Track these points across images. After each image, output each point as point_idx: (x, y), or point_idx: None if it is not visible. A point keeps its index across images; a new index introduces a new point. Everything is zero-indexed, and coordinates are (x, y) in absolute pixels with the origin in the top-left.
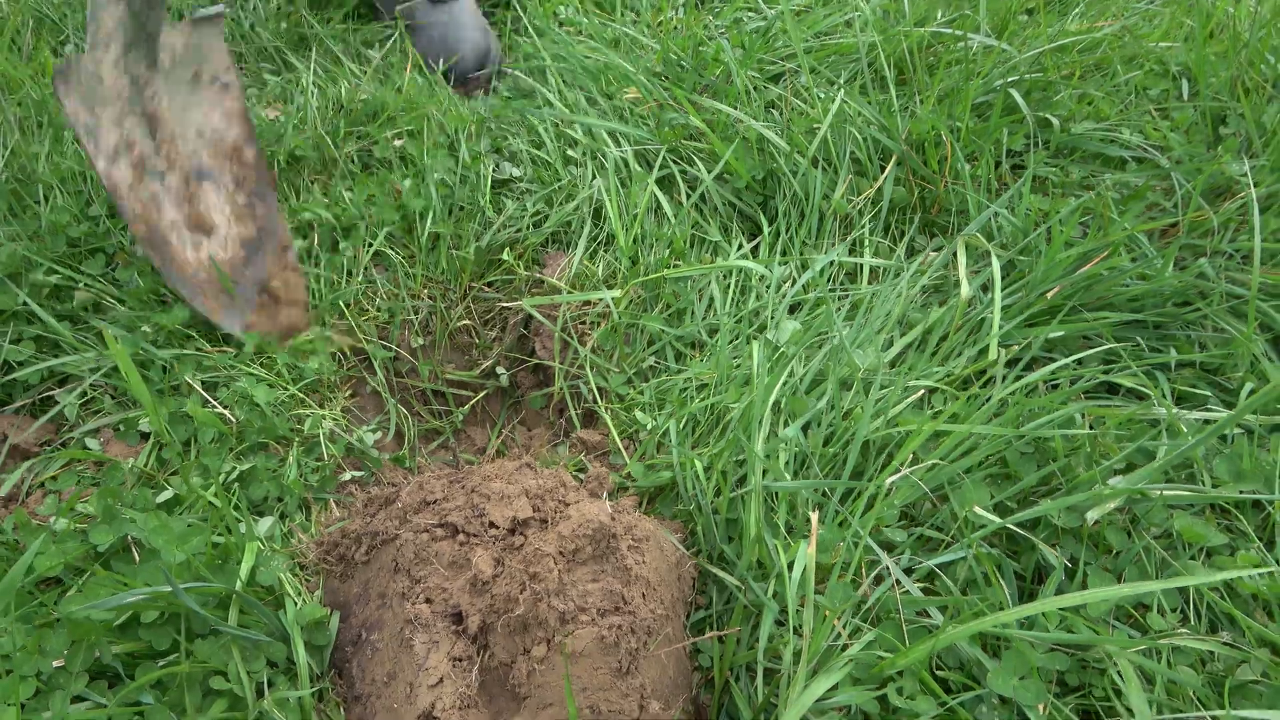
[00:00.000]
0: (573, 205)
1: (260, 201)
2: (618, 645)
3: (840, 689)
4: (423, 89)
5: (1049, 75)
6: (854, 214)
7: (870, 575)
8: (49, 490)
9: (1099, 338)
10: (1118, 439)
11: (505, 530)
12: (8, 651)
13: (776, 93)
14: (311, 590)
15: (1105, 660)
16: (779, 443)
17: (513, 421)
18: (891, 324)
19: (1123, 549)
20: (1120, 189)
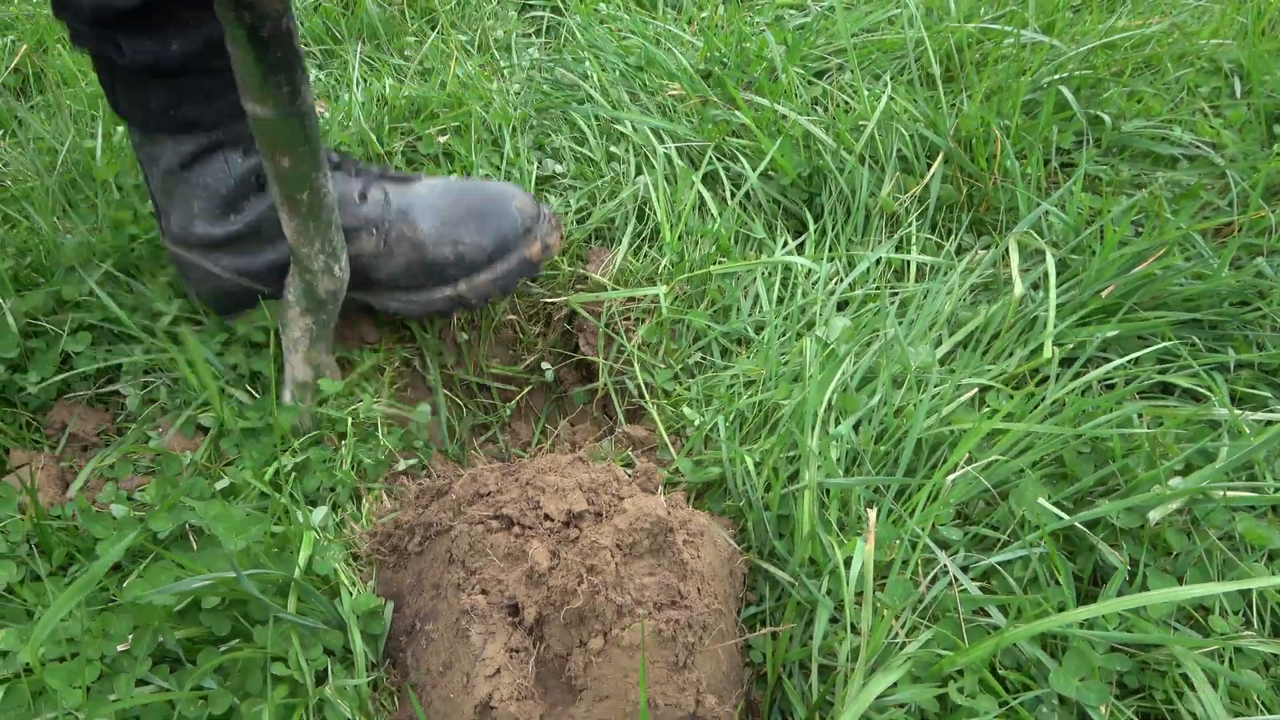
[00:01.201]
0: (616, 202)
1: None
2: (674, 639)
3: (900, 687)
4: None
5: (1098, 72)
6: (901, 211)
7: (927, 573)
8: (108, 478)
9: (1154, 337)
10: (1177, 439)
11: (560, 523)
12: (74, 635)
13: (821, 89)
14: (365, 580)
15: (1166, 663)
16: (830, 440)
17: (557, 417)
18: (941, 322)
19: (1183, 551)
20: (1173, 188)
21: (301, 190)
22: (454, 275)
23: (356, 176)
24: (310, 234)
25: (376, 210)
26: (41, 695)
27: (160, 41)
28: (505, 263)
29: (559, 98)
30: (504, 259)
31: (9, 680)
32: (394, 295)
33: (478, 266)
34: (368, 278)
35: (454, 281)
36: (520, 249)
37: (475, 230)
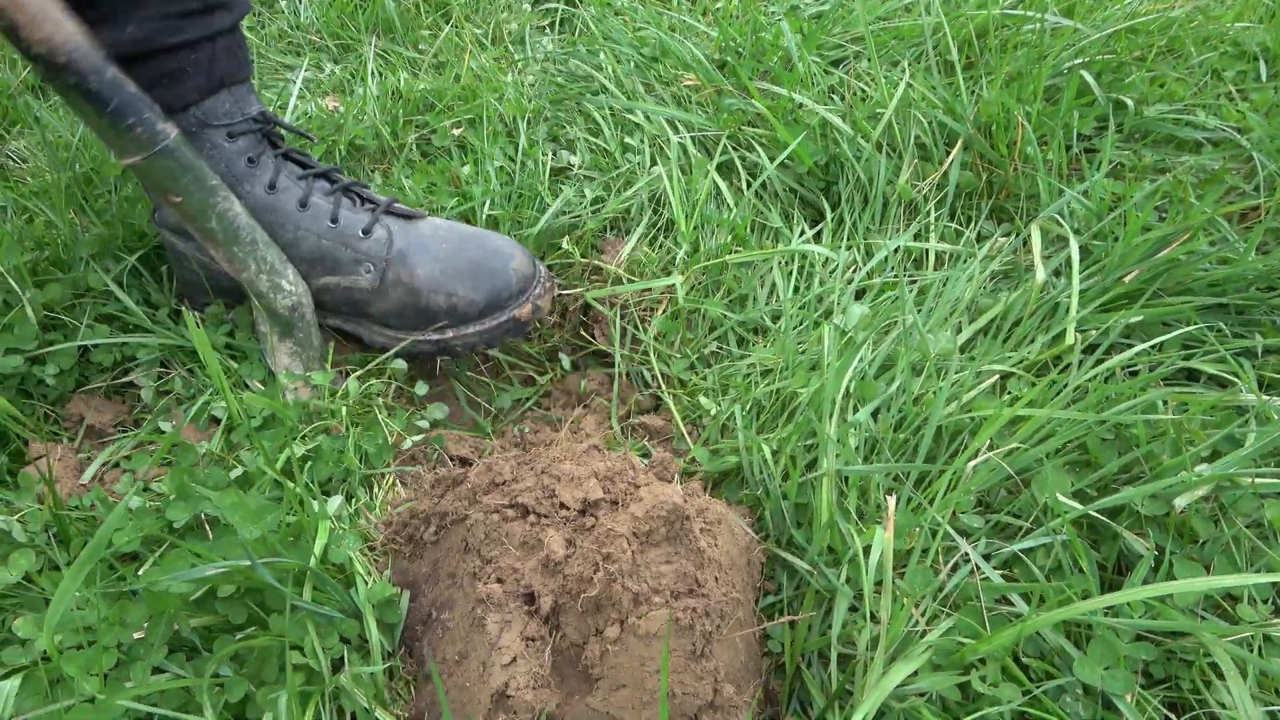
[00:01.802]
0: (631, 192)
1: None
2: (692, 628)
3: (920, 675)
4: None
5: (1120, 57)
6: (919, 199)
7: (947, 562)
8: (124, 469)
9: (1179, 323)
10: (1203, 425)
11: (576, 511)
12: (91, 623)
13: (838, 77)
14: (380, 570)
15: (1193, 651)
16: (849, 427)
17: (574, 406)
18: (961, 309)
19: (1210, 538)
20: (1197, 172)
21: (207, 220)
22: (443, 323)
23: (363, 209)
24: (238, 258)
25: (378, 248)
26: (59, 683)
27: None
28: (494, 320)
29: (573, 89)
30: (494, 316)
31: (27, 668)
32: (383, 330)
33: (468, 319)
34: (360, 310)
35: (442, 329)
36: (511, 308)
37: (470, 285)
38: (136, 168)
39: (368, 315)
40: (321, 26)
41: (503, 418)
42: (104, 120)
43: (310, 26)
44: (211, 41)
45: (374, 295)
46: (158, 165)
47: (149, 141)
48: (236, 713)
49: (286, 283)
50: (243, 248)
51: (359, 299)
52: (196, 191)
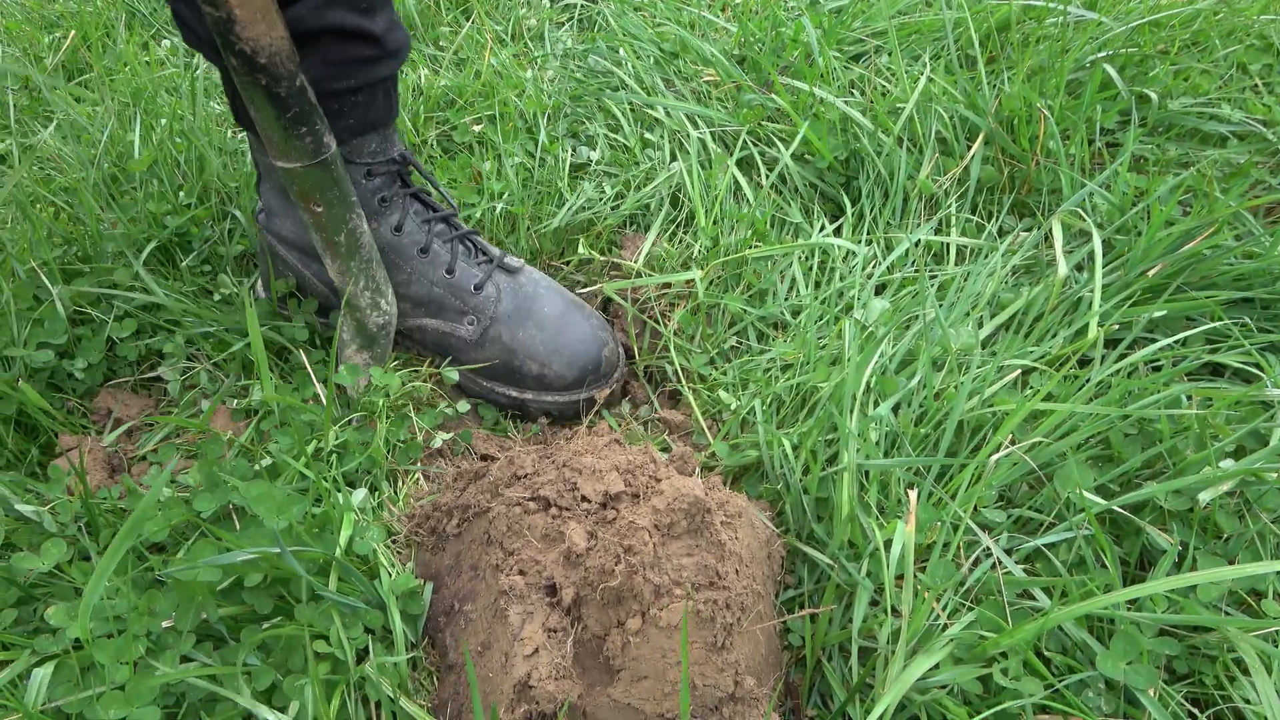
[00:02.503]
0: (651, 187)
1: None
2: (713, 620)
3: (942, 668)
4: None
5: (1144, 50)
6: (940, 194)
7: (969, 556)
8: (152, 462)
9: (1203, 317)
10: (1228, 421)
11: (597, 504)
12: (121, 612)
13: (858, 72)
14: (403, 562)
15: (1217, 646)
16: (869, 422)
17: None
18: (982, 304)
19: (1234, 533)
20: (1222, 166)
21: (338, 233)
22: (528, 385)
23: (477, 262)
24: (352, 272)
25: (487, 305)
26: (90, 670)
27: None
28: (574, 395)
29: (593, 85)
30: (575, 391)
31: (59, 656)
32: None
33: (552, 389)
34: (449, 353)
35: (524, 389)
36: (592, 388)
37: (565, 362)
38: (292, 172)
39: (455, 360)
40: None
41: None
42: (280, 123)
43: None
44: (373, 88)
45: (469, 346)
46: (314, 174)
47: (313, 151)
48: (263, 701)
49: (385, 302)
50: (359, 264)
51: (453, 345)
52: (338, 205)
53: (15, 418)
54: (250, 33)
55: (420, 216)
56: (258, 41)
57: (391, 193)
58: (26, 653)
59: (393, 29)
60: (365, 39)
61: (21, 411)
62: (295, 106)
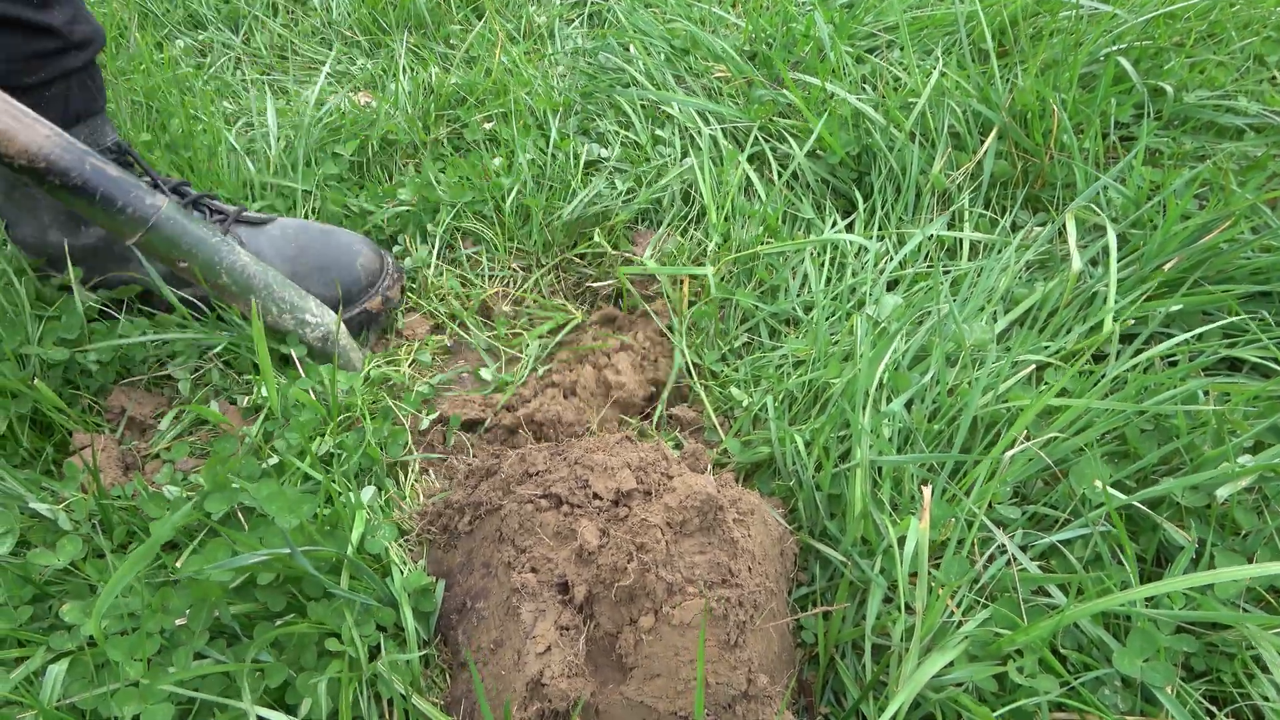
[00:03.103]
0: (663, 183)
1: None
2: (725, 618)
3: (956, 666)
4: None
5: (1159, 43)
6: (953, 189)
7: (983, 553)
8: (164, 460)
9: (1220, 312)
10: (1245, 416)
11: (609, 501)
12: (135, 610)
13: (870, 66)
14: (415, 559)
15: (1235, 644)
16: (883, 418)
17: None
18: (996, 299)
19: (1253, 530)
20: (1238, 159)
21: (218, 276)
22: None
23: (212, 221)
24: (261, 305)
25: None
26: (104, 667)
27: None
28: (345, 314)
29: (604, 81)
30: (345, 310)
31: (73, 653)
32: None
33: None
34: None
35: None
36: (362, 302)
37: (319, 283)
38: (141, 245)
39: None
40: (354, 23)
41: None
42: (95, 208)
43: (342, 22)
44: (66, 79)
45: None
46: (157, 238)
47: (141, 218)
48: (276, 698)
49: (311, 315)
50: (259, 294)
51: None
52: (201, 252)
53: (30, 416)
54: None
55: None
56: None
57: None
58: (42, 649)
59: (77, 21)
60: (43, 32)
61: (36, 409)
62: (98, 187)
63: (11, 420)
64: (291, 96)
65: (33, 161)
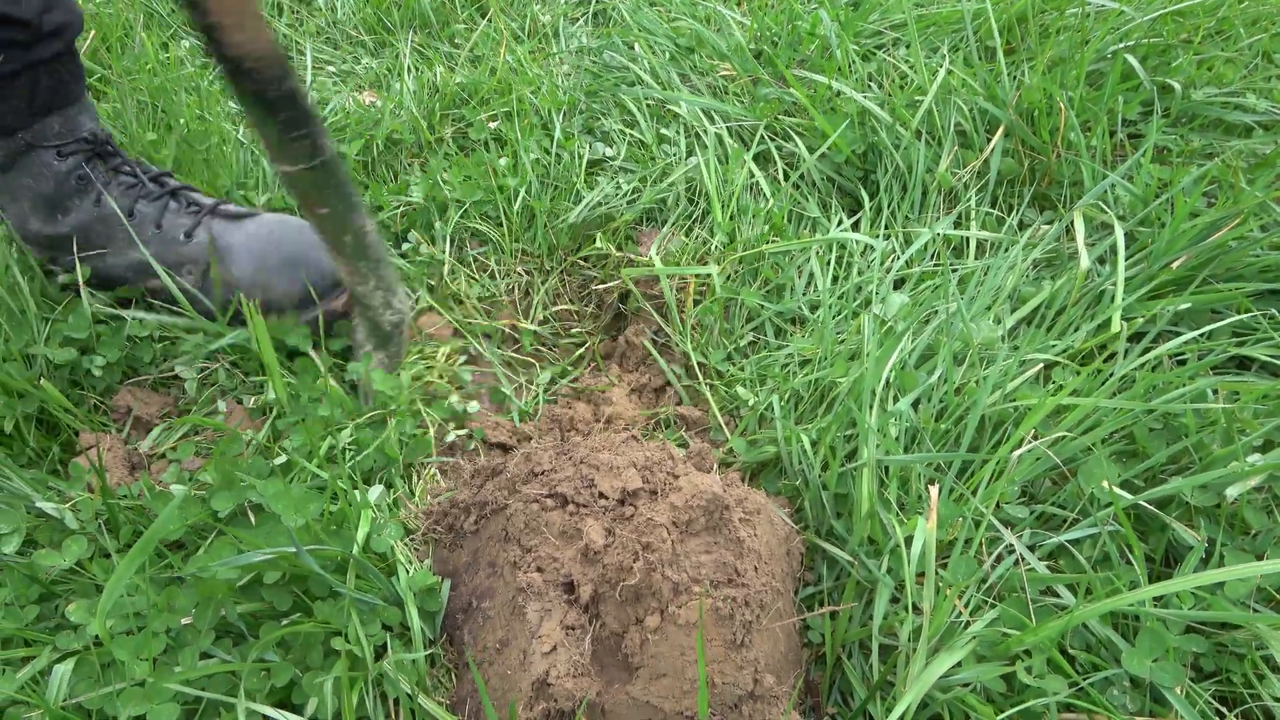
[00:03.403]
0: (668, 183)
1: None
2: (732, 618)
3: (964, 666)
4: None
5: (1167, 40)
6: (959, 187)
7: (991, 553)
8: (171, 459)
9: (1229, 310)
10: (1255, 415)
11: (615, 501)
12: (140, 609)
13: (877, 64)
14: (421, 559)
15: (1245, 644)
16: (889, 417)
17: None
18: (1003, 298)
19: (1263, 529)
20: (1247, 157)
21: (344, 234)
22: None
23: (187, 212)
24: (362, 273)
25: (200, 252)
26: (110, 667)
27: None
28: (310, 312)
29: (609, 80)
30: (310, 309)
31: (79, 652)
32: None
33: (284, 311)
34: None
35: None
36: (328, 300)
37: (287, 280)
38: (291, 176)
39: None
40: (359, 22)
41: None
42: (273, 128)
43: (347, 22)
44: (34, 70)
45: (201, 293)
46: (312, 177)
47: (310, 154)
48: (282, 697)
49: (397, 301)
50: (368, 264)
51: (189, 296)
52: (341, 206)
53: (37, 416)
54: (234, 38)
55: (124, 185)
56: (241, 47)
57: (89, 170)
58: (48, 649)
59: (50, 9)
60: (12, 23)
61: (43, 409)
62: (286, 111)
63: (18, 420)
64: None
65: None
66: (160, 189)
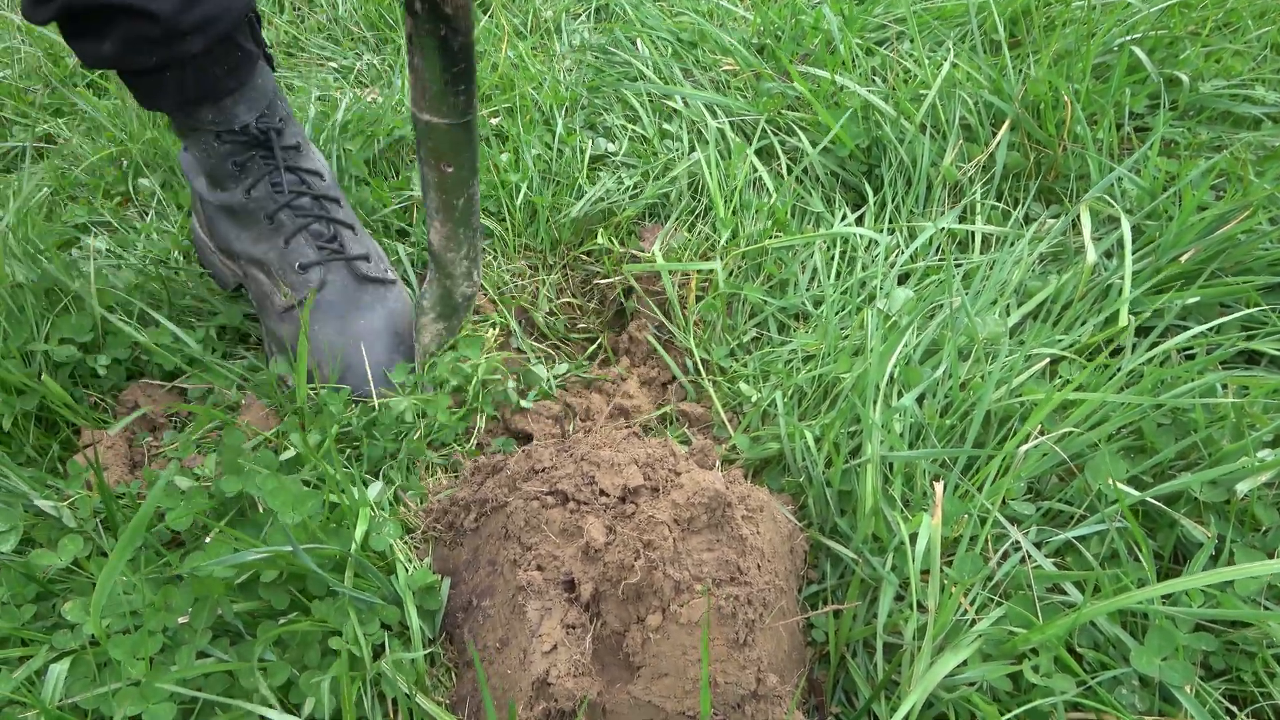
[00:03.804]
0: (669, 178)
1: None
2: (734, 616)
3: (970, 665)
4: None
5: (1174, 32)
6: (964, 181)
7: (997, 550)
8: (171, 457)
9: (1238, 303)
10: (1265, 409)
11: (616, 498)
12: (137, 608)
13: (880, 58)
14: (420, 557)
15: (1256, 642)
16: (894, 413)
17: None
18: (1009, 292)
19: (1274, 526)
20: (1256, 149)
21: (459, 196)
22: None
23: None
24: (460, 239)
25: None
26: (106, 666)
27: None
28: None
29: (611, 76)
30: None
31: (76, 652)
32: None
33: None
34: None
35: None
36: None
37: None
38: (436, 128)
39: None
40: (360, 18)
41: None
42: (444, 76)
43: (349, 18)
44: (180, 66)
45: (277, 316)
46: (454, 133)
47: (463, 110)
48: (280, 697)
49: (477, 274)
50: (468, 231)
51: (267, 308)
52: (466, 169)
53: (36, 413)
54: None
55: (280, 188)
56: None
57: (245, 159)
58: (44, 648)
59: (188, 7)
60: (148, 18)
61: (43, 407)
62: (462, 62)
63: (17, 417)
64: (299, 93)
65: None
66: (318, 210)
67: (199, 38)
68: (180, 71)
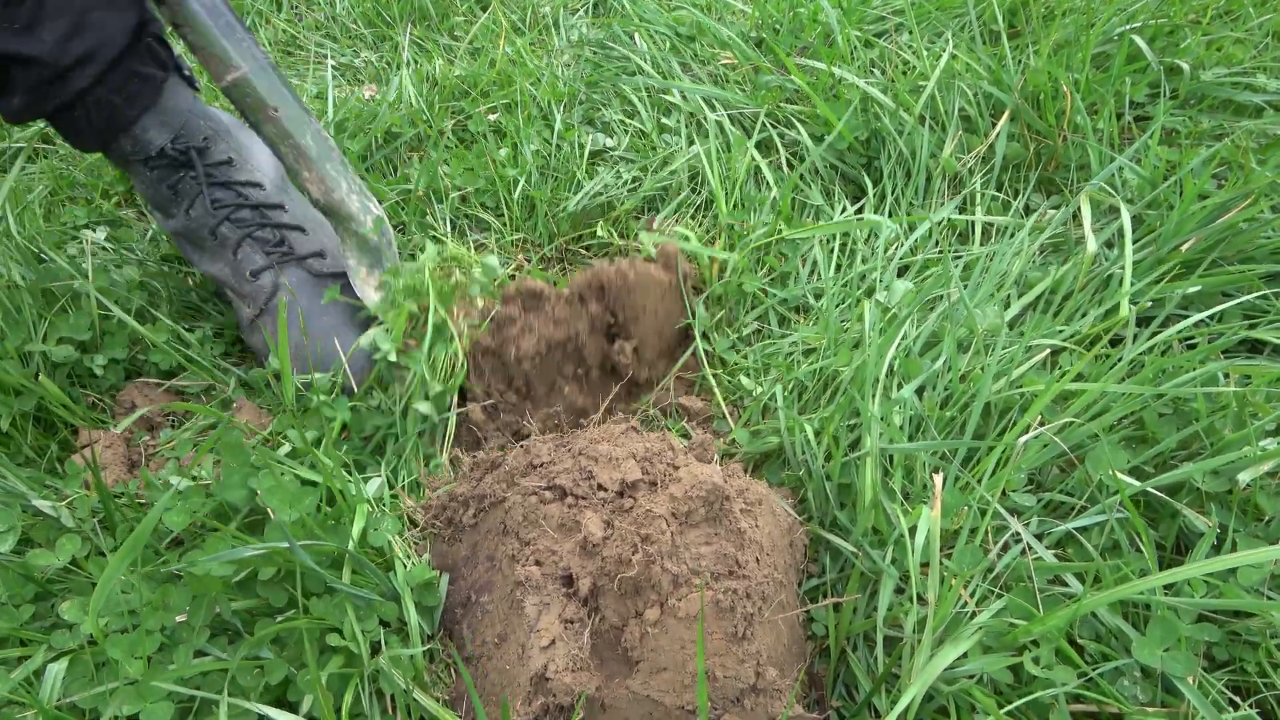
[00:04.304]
0: (668, 171)
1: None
2: (733, 610)
3: (970, 657)
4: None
5: (1175, 20)
6: (964, 172)
7: (997, 541)
8: (168, 457)
9: (1239, 292)
10: (1267, 398)
11: (614, 493)
12: (135, 607)
13: (879, 50)
14: (419, 553)
15: (1259, 633)
16: (893, 405)
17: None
18: (1009, 284)
19: (1276, 515)
20: (1258, 137)
21: (303, 135)
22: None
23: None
24: (333, 176)
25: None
26: (104, 666)
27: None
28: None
29: (609, 70)
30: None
31: (74, 651)
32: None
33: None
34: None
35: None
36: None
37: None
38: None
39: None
40: (358, 16)
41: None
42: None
43: (346, 16)
44: (81, 101)
45: (245, 327)
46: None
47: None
48: (278, 695)
49: (372, 204)
50: (334, 165)
51: (240, 324)
52: (294, 106)
53: (34, 413)
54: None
55: (218, 203)
56: None
57: (176, 181)
58: (43, 648)
59: (64, 45)
60: (33, 63)
61: (41, 407)
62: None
63: (15, 417)
64: (298, 92)
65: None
66: (259, 220)
67: (85, 71)
68: (84, 108)
